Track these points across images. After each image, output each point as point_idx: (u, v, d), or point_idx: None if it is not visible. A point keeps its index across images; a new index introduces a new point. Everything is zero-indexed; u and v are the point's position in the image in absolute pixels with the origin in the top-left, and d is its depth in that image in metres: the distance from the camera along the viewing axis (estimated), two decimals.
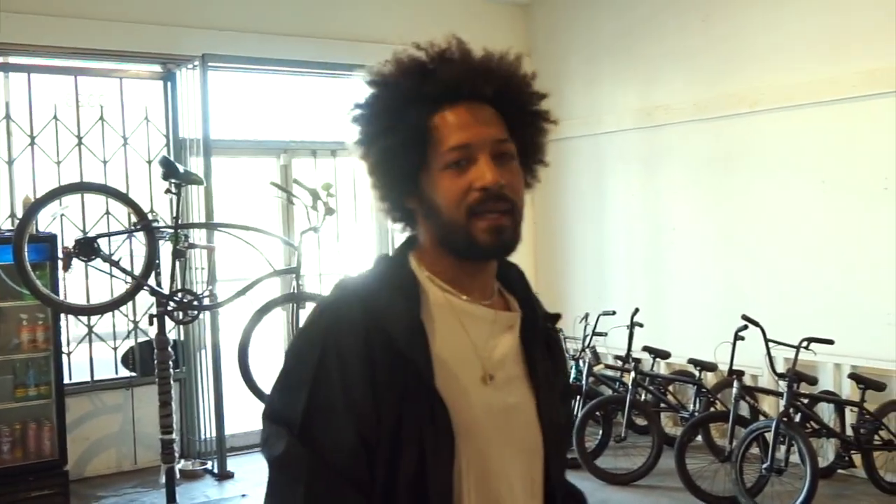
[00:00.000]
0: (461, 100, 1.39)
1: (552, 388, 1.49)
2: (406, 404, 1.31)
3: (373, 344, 1.32)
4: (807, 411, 5.57)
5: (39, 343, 5.70)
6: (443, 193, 1.38)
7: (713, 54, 6.71)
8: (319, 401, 1.32)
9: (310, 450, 1.30)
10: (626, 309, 6.64)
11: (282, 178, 7.05)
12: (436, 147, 1.38)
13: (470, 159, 1.37)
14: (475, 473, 1.36)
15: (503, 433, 1.39)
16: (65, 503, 5.64)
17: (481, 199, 1.36)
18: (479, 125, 1.39)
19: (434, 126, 1.38)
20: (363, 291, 1.39)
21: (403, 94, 1.39)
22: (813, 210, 6.11)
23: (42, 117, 6.24)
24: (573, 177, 7.91)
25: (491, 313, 1.44)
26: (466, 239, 1.38)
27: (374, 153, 1.42)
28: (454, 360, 1.38)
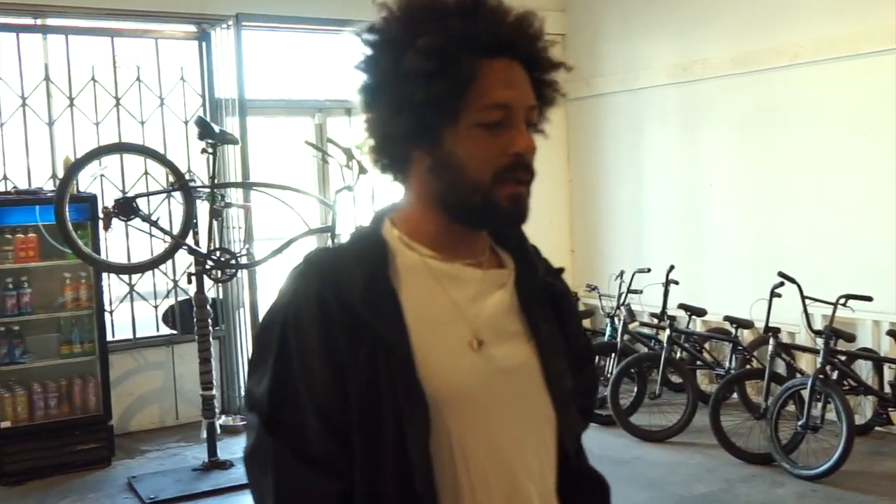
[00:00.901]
0: (506, 54, 1.29)
1: (558, 349, 1.40)
2: (377, 375, 1.24)
3: (331, 315, 1.25)
4: (844, 368, 5.53)
5: (83, 301, 5.83)
6: (471, 151, 1.28)
7: (751, 7, 6.57)
8: (283, 383, 1.27)
9: (276, 438, 1.26)
10: (662, 266, 6.61)
11: (316, 137, 7.07)
12: (475, 99, 1.26)
13: (505, 121, 1.28)
14: (475, 443, 1.28)
15: (504, 400, 1.31)
16: (110, 456, 5.80)
17: (512, 164, 1.28)
18: (521, 86, 1.30)
19: (479, 76, 1.26)
20: (323, 262, 1.32)
21: (453, 34, 1.25)
22: (853, 165, 6.01)
23: (80, 79, 6.32)
24: (610, 133, 7.84)
25: (477, 273, 1.35)
26: (486, 202, 1.29)
27: (408, 90, 1.26)
28: (432, 324, 1.29)
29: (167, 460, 5.87)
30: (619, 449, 5.77)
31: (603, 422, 6.20)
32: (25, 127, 6.14)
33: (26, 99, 6.14)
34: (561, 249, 8.19)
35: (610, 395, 6.01)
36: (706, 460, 5.53)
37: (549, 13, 7.92)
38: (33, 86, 6.17)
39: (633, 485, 5.17)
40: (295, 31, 7.13)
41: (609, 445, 5.83)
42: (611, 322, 6.70)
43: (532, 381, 1.36)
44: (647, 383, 6.30)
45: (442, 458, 1.26)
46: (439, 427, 1.26)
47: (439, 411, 1.26)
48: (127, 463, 5.83)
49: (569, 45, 8.10)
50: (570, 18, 8.13)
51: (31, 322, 5.72)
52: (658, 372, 6.14)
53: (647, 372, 6.38)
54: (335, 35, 7.19)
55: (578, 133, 8.11)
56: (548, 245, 6.75)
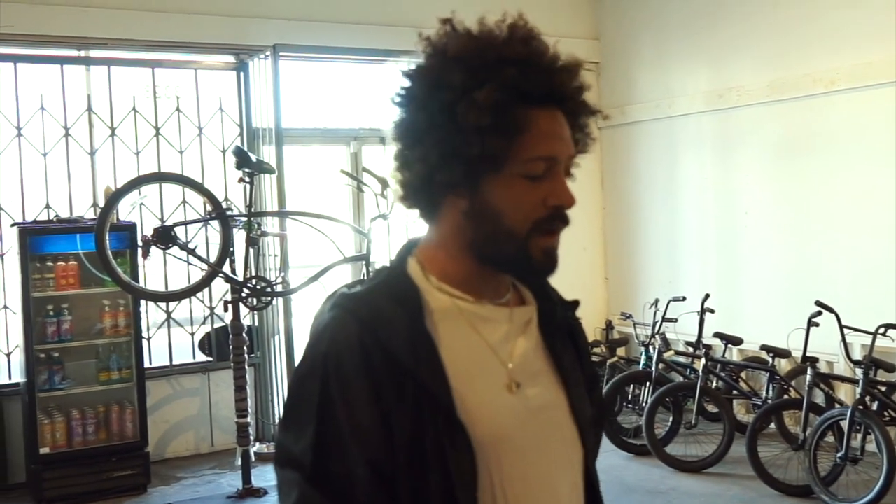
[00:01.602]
0: (553, 105, 1.28)
1: (579, 380, 1.41)
2: (421, 422, 1.22)
3: (373, 363, 1.22)
4: (884, 399, 5.44)
5: (121, 328, 5.91)
6: (511, 200, 1.27)
7: (786, 33, 6.56)
8: (327, 435, 1.23)
9: (323, 495, 1.22)
10: (697, 295, 6.56)
11: (352, 166, 7.14)
12: (520, 150, 1.25)
13: (549, 171, 1.28)
14: (513, 484, 1.28)
15: (538, 438, 1.32)
16: (146, 483, 5.85)
17: (550, 216, 1.28)
18: (564, 138, 1.30)
19: (528, 128, 1.26)
20: (358, 307, 1.27)
21: (509, 85, 1.24)
22: (890, 192, 5.93)
23: (122, 109, 6.45)
24: (644, 161, 7.83)
25: (506, 312, 1.35)
26: (519, 253, 1.29)
27: (458, 142, 1.24)
28: (471, 368, 1.28)
29: (202, 487, 5.90)
30: (655, 479, 5.71)
31: (638, 451, 6.14)
32: (68, 156, 6.27)
33: (69, 129, 6.27)
34: (595, 277, 8.17)
35: (645, 424, 5.95)
36: (743, 492, 5.45)
37: (584, 41, 7.96)
38: (76, 116, 6.30)
39: None
40: (331, 60, 7.23)
41: (644, 476, 5.77)
42: (645, 351, 6.66)
43: (562, 417, 1.37)
44: (682, 413, 6.23)
45: (485, 500, 1.26)
46: (483, 471, 1.26)
47: (483, 455, 1.25)
48: (162, 490, 5.86)
49: (603, 73, 8.12)
50: (604, 46, 8.15)
51: (70, 349, 5.81)
52: (694, 401, 6.08)
53: (683, 401, 6.31)
54: (370, 65, 7.28)
55: (613, 161, 8.10)
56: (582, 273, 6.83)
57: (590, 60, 7.98)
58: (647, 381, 6.35)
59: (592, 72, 8.07)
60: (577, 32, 7.98)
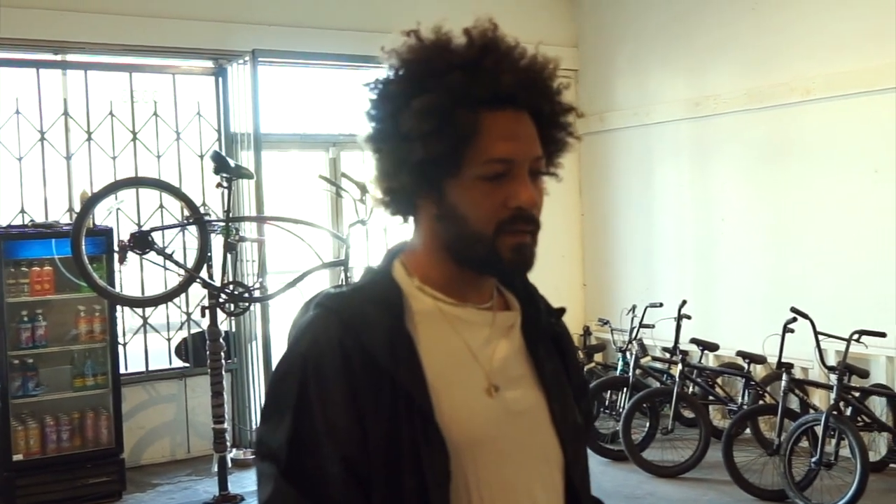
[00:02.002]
0: (508, 106, 1.28)
1: (563, 387, 1.41)
2: (398, 422, 1.23)
3: (352, 362, 1.24)
4: (858, 405, 5.50)
5: (96, 334, 5.86)
6: (473, 204, 1.28)
7: (764, 42, 6.62)
8: (303, 431, 1.24)
9: (297, 490, 1.23)
10: (674, 301, 6.60)
11: (330, 172, 7.13)
12: (476, 153, 1.27)
13: (508, 173, 1.28)
14: (490, 487, 1.29)
15: (516, 442, 1.32)
16: (121, 490, 5.80)
17: (513, 217, 1.28)
18: (524, 139, 1.29)
19: (479, 130, 1.27)
20: (341, 307, 1.30)
21: (453, 90, 1.25)
22: (864, 200, 6.01)
23: (98, 114, 6.40)
24: (622, 168, 7.88)
25: (488, 316, 1.36)
26: (489, 254, 1.30)
27: (407, 149, 1.27)
28: (450, 370, 1.30)
29: (178, 494, 5.86)
30: (632, 485, 5.74)
31: (615, 457, 6.17)
32: (43, 161, 6.22)
33: (45, 133, 6.22)
34: (573, 283, 8.20)
35: (622, 430, 5.98)
36: (719, 496, 5.49)
37: (562, 49, 8.00)
38: (52, 120, 6.26)
39: None
40: (310, 66, 7.22)
41: (621, 481, 5.79)
42: (623, 356, 6.69)
43: (540, 423, 1.37)
44: (659, 418, 6.27)
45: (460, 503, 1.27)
46: (458, 473, 1.26)
47: (458, 457, 1.26)
48: (138, 497, 5.82)
49: (581, 81, 8.16)
50: (582, 54, 8.20)
51: (44, 355, 5.75)
52: (670, 407, 6.11)
53: (660, 407, 6.35)
54: (349, 70, 7.28)
55: (591, 168, 8.14)
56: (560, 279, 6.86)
57: (568, 68, 8.02)
58: (624, 387, 6.38)
59: (571, 79, 8.11)
60: (556, 40, 8.01)
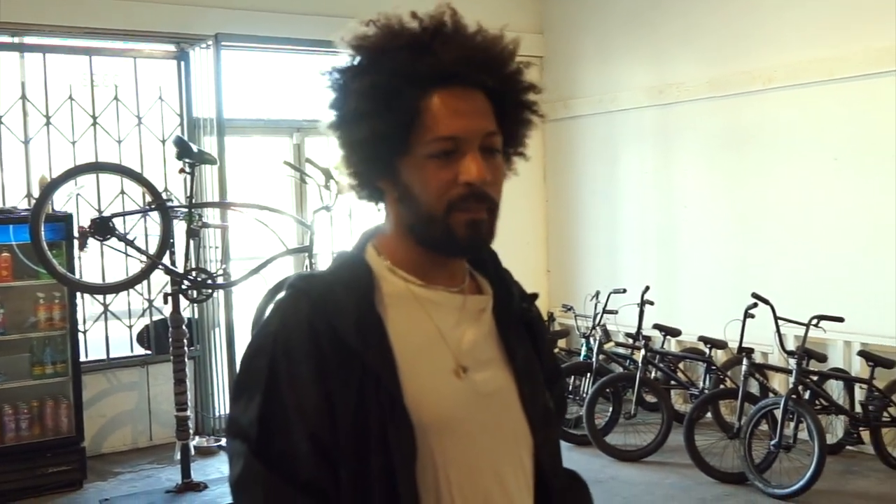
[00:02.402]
0: (456, 83, 1.29)
1: (534, 372, 1.43)
2: (365, 402, 1.25)
3: (321, 341, 1.26)
4: (816, 388, 5.59)
5: (56, 321, 5.78)
6: (424, 183, 1.30)
7: (727, 31, 6.68)
8: (273, 409, 1.27)
9: (267, 467, 1.25)
10: (637, 287, 6.66)
11: (295, 157, 7.09)
12: (423, 132, 1.29)
13: (458, 150, 1.29)
14: (457, 468, 1.30)
15: (484, 424, 1.33)
16: (82, 479, 5.73)
17: (464, 195, 1.29)
18: (471, 115, 1.29)
19: (424, 109, 1.28)
20: (313, 289, 1.32)
21: (396, 70, 1.28)
22: (824, 188, 6.10)
23: (57, 97, 6.30)
24: (586, 155, 7.91)
25: (459, 299, 1.37)
26: (444, 232, 1.31)
27: (354, 131, 1.31)
28: (419, 351, 1.31)
29: (140, 482, 5.81)
30: (595, 469, 5.79)
31: (578, 441, 6.22)
32: (0, 146, 6.10)
33: (2, 117, 6.10)
34: (537, 269, 8.23)
35: (585, 414, 6.03)
36: (680, 480, 5.56)
37: (528, 35, 8.00)
38: (9, 104, 6.14)
39: None
40: (274, 51, 7.15)
41: (584, 465, 5.84)
42: (586, 342, 6.74)
43: (510, 405, 1.38)
44: (622, 403, 6.34)
45: (427, 483, 1.29)
46: (425, 453, 1.28)
47: (425, 438, 1.28)
48: (99, 485, 5.76)
49: (547, 67, 8.18)
50: (548, 41, 8.21)
51: (2, 343, 5.66)
52: (633, 392, 6.17)
53: (623, 392, 6.41)
54: (314, 56, 7.22)
55: (555, 154, 8.17)
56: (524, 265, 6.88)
57: (534, 54, 8.04)
58: (587, 372, 6.43)
59: (536, 66, 8.13)
60: (522, 27, 8.01)
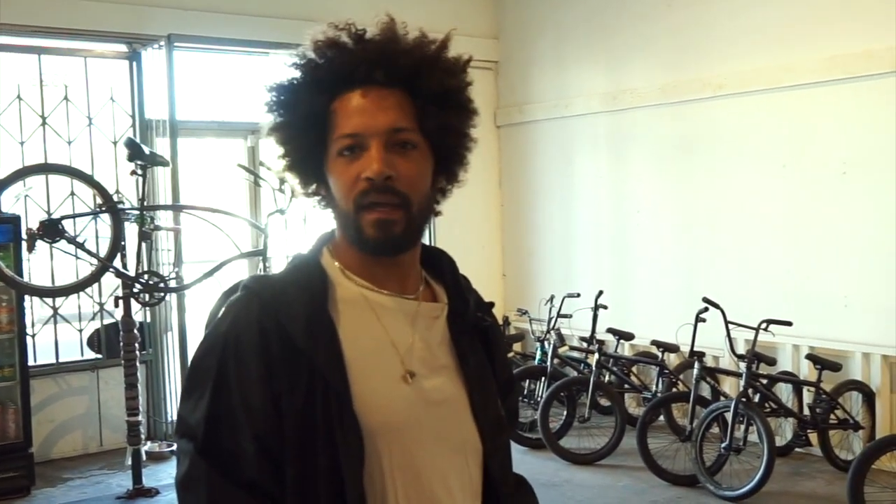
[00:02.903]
0: (358, 85, 1.33)
1: (486, 381, 1.44)
2: (313, 404, 1.26)
3: (270, 342, 1.27)
4: (765, 391, 5.68)
5: (3, 325, 5.66)
6: (335, 182, 1.34)
7: (678, 39, 6.77)
8: (220, 408, 1.27)
9: (210, 466, 1.25)
10: (591, 291, 6.71)
11: (249, 160, 7.03)
12: (332, 133, 1.33)
13: (362, 147, 1.31)
14: (403, 472, 1.31)
15: (432, 430, 1.34)
16: (30, 485, 5.62)
17: (366, 190, 1.30)
18: (374, 112, 1.31)
19: (332, 111, 1.33)
20: (265, 290, 1.33)
21: (303, 76, 1.36)
22: (773, 194, 6.21)
23: (5, 97, 6.18)
24: (541, 160, 7.96)
25: (412, 305, 1.38)
26: (356, 232, 1.32)
27: (277, 134, 1.39)
28: (368, 356, 1.32)
29: (90, 488, 5.72)
30: (549, 472, 5.82)
31: (533, 445, 6.25)
32: None
33: None
34: (493, 274, 8.26)
35: (540, 418, 6.06)
36: (633, 482, 5.62)
37: (483, 40, 8.04)
38: None
39: None
40: (227, 52, 7.09)
41: (539, 469, 5.87)
42: (541, 346, 6.77)
43: (459, 413, 1.39)
44: (576, 407, 6.38)
45: (374, 488, 1.29)
46: (372, 457, 1.29)
47: (373, 443, 1.29)
48: (48, 492, 5.66)
49: (501, 72, 8.22)
50: (503, 46, 8.25)
51: None
52: (587, 395, 6.22)
53: (577, 395, 6.45)
54: (267, 57, 7.18)
55: (510, 158, 8.21)
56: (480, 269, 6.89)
57: (488, 59, 8.08)
58: (542, 376, 6.46)
59: (491, 70, 8.17)
60: (477, 31, 8.05)
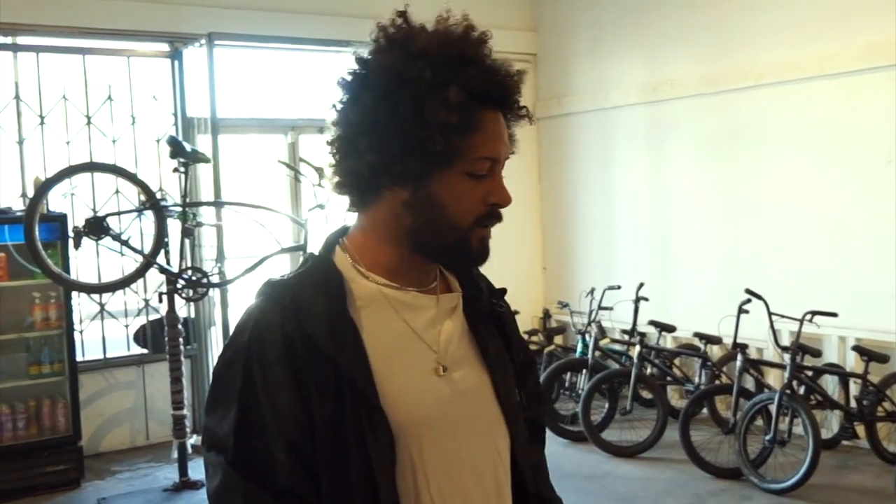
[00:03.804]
0: (502, 109, 1.36)
1: (506, 367, 1.46)
2: (342, 406, 1.26)
3: (295, 349, 1.26)
4: (810, 383, 5.62)
5: (52, 321, 5.78)
6: (455, 196, 1.32)
7: (719, 28, 6.70)
8: (249, 419, 1.26)
9: (245, 477, 1.24)
10: (632, 283, 6.67)
11: (289, 156, 7.09)
12: (468, 149, 1.30)
13: (491, 171, 1.35)
14: (435, 466, 1.31)
15: (461, 421, 1.35)
16: (79, 478, 5.74)
17: (490, 213, 1.35)
18: (505, 139, 1.36)
19: (478, 128, 1.31)
20: (283, 295, 1.31)
21: (474, 86, 1.29)
22: (817, 184, 6.12)
23: (51, 97, 6.29)
24: (580, 152, 7.93)
25: (432, 299, 1.39)
26: (459, 243, 1.34)
27: (416, 139, 1.27)
28: (395, 353, 1.33)
29: (138, 481, 5.82)
30: (591, 465, 5.81)
31: (574, 438, 6.24)
32: None
33: None
34: (533, 267, 8.25)
35: (581, 411, 6.05)
36: (676, 475, 5.58)
37: (521, 33, 8.02)
38: (3, 104, 6.13)
39: (605, 500, 5.21)
40: (267, 49, 7.15)
41: (580, 461, 5.87)
42: (582, 339, 6.74)
43: (485, 402, 1.41)
44: (618, 399, 6.35)
45: (406, 483, 1.30)
46: (403, 454, 1.29)
47: (403, 439, 1.29)
48: (97, 484, 5.77)
49: (540, 65, 8.19)
50: (541, 38, 8.22)
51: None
52: (629, 388, 6.19)
53: (618, 388, 6.43)
54: (308, 53, 7.23)
55: (549, 151, 8.19)
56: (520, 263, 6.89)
57: (527, 52, 8.05)
58: (583, 369, 6.44)
59: (529, 63, 8.14)
60: (515, 24, 8.03)
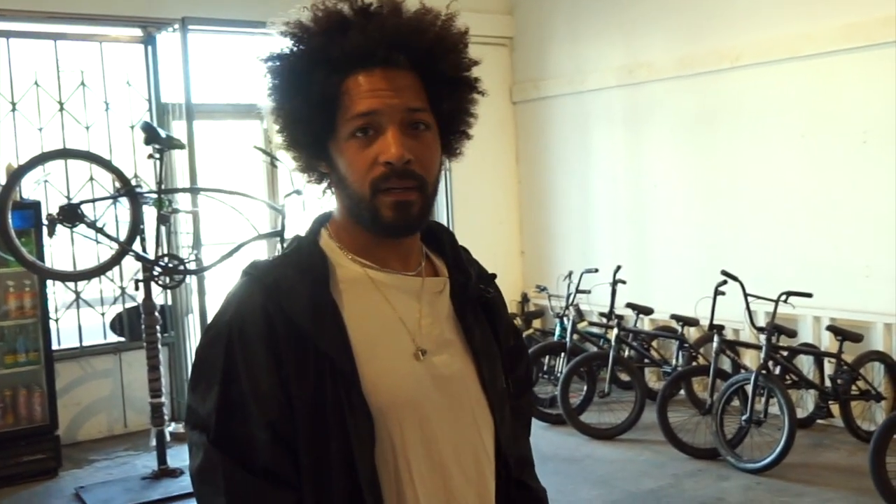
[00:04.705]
0: (374, 65, 1.28)
1: (492, 354, 1.43)
2: (322, 387, 1.25)
3: (275, 329, 1.26)
4: (786, 364, 5.67)
5: (27, 310, 5.73)
6: (348, 164, 1.30)
7: (695, 10, 6.71)
8: (230, 398, 1.26)
9: (226, 456, 1.24)
10: (610, 266, 6.70)
11: (265, 142, 7.04)
12: (344, 113, 1.29)
13: (377, 129, 1.28)
14: (416, 450, 1.31)
15: (442, 406, 1.34)
16: (57, 467, 5.71)
17: (385, 174, 1.27)
18: (390, 92, 1.28)
19: (344, 91, 1.28)
20: (266, 275, 1.31)
21: (311, 54, 1.30)
22: (792, 164, 6.16)
23: (23, 84, 6.21)
24: (557, 135, 7.93)
25: (416, 282, 1.37)
26: (371, 214, 1.30)
27: (282, 114, 1.34)
28: (376, 335, 1.32)
29: (116, 469, 5.79)
30: (570, 447, 5.85)
31: (553, 421, 6.27)
32: None
33: None
34: (511, 250, 8.26)
35: (560, 394, 6.08)
36: (654, 456, 5.63)
37: (497, 16, 8.00)
38: None
39: (584, 482, 5.24)
40: (242, 34, 7.09)
41: (559, 444, 5.90)
42: (560, 322, 6.77)
43: (469, 387, 1.39)
44: (596, 382, 6.39)
45: (387, 466, 1.29)
46: (383, 437, 1.29)
47: (383, 421, 1.28)
48: (75, 473, 5.74)
49: (516, 48, 8.18)
50: (517, 21, 8.20)
51: None
52: (607, 370, 6.23)
53: (597, 371, 6.46)
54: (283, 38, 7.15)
55: (527, 135, 8.18)
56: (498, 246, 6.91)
57: (503, 35, 8.04)
58: (561, 352, 6.47)
59: (506, 46, 8.13)
60: (491, 7, 8.01)
